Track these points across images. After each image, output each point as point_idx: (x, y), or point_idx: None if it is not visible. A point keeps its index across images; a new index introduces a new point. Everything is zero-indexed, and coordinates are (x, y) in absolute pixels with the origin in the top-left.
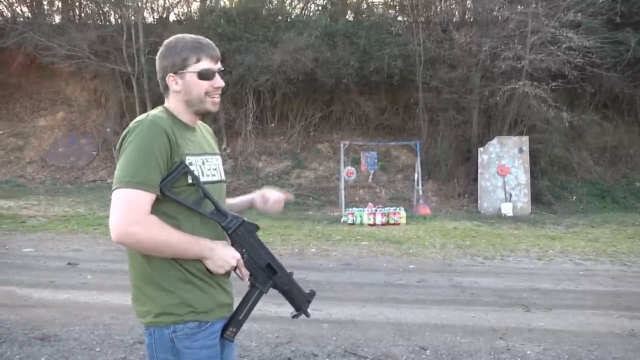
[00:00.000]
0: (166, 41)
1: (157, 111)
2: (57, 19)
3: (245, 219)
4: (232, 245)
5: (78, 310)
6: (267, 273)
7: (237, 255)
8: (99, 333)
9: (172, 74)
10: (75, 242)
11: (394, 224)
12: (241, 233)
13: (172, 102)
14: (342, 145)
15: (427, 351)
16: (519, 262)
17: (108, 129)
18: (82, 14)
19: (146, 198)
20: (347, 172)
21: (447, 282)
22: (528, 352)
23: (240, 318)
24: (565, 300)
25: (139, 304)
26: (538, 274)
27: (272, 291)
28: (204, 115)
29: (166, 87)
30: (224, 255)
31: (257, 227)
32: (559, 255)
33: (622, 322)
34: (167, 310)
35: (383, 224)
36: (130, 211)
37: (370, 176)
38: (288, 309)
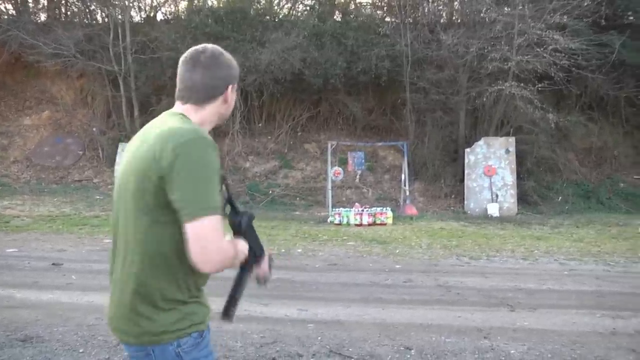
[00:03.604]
0: (221, 50)
1: (191, 125)
2: (43, 17)
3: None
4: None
5: (62, 311)
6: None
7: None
8: (82, 334)
9: (232, 85)
10: (60, 242)
11: (380, 224)
12: (250, 225)
13: (207, 111)
14: (329, 145)
15: (412, 351)
16: (505, 262)
17: (94, 129)
18: (68, 12)
19: (222, 221)
20: (334, 173)
21: (433, 282)
22: (512, 351)
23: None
24: (549, 300)
25: (128, 324)
26: (523, 274)
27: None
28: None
29: (211, 96)
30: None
31: (253, 217)
32: (544, 256)
33: (605, 322)
34: (170, 328)
35: (370, 224)
36: (219, 239)
37: (357, 176)
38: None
